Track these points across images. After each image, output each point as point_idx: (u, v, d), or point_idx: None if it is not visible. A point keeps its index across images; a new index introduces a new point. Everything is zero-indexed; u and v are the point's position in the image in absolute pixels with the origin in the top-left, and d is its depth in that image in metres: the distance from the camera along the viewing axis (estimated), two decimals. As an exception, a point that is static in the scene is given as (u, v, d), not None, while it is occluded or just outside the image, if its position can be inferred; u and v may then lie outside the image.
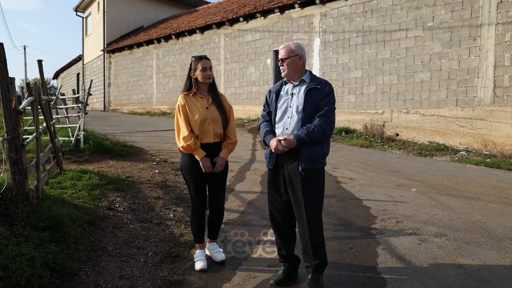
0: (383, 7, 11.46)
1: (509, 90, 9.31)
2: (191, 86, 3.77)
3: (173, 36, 18.86)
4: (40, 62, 6.73)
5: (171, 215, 5.19)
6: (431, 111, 10.59)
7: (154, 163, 8.05)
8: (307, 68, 3.50)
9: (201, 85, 3.76)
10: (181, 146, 3.63)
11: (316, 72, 12.86)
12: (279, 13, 14.23)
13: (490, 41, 9.60)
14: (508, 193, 6.19)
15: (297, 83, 3.38)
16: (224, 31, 16.49)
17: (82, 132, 8.64)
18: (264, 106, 3.61)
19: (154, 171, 7.31)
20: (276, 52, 14.59)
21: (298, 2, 13.29)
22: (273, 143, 3.28)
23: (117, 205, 5.40)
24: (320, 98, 3.26)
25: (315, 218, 3.29)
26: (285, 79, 3.48)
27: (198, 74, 3.70)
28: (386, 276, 3.48)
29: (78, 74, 30.58)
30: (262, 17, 14.87)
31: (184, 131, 3.62)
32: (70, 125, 9.49)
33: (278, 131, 3.38)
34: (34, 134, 5.15)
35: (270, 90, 3.58)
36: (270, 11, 14.48)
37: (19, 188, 4.16)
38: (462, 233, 4.47)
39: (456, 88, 10.14)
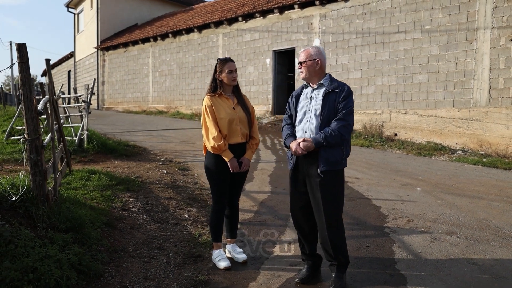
0: (382, 10, 11.63)
1: (504, 92, 9.54)
2: (216, 87, 3.85)
3: (170, 35, 18.85)
4: (48, 61, 6.74)
5: (186, 216, 5.27)
6: (428, 111, 10.79)
7: (160, 163, 8.12)
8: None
9: (226, 87, 3.85)
10: (211, 147, 3.69)
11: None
12: (278, 14, 14.33)
13: (485, 45, 9.82)
14: (508, 192, 6.39)
15: (316, 86, 3.49)
16: (223, 30, 16.55)
17: (86, 132, 8.67)
18: (286, 109, 3.74)
19: (161, 171, 7.38)
20: (275, 52, 14.73)
21: (298, 2, 13.41)
22: (292, 146, 3.42)
23: (131, 206, 5.47)
24: (338, 101, 3.36)
25: (334, 218, 3.40)
26: (305, 83, 3.60)
27: (224, 76, 3.79)
28: (405, 273, 3.61)
29: (69, 72, 30.40)
30: (261, 17, 14.96)
31: (213, 132, 3.67)
32: (72, 125, 9.50)
33: (298, 134, 3.50)
34: (50, 134, 5.19)
35: (292, 94, 3.71)
36: (270, 11, 14.57)
37: (39, 190, 4.18)
38: (471, 231, 4.63)
39: (453, 90, 10.35)
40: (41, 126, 4.34)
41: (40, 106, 4.46)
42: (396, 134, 11.39)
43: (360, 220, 5.04)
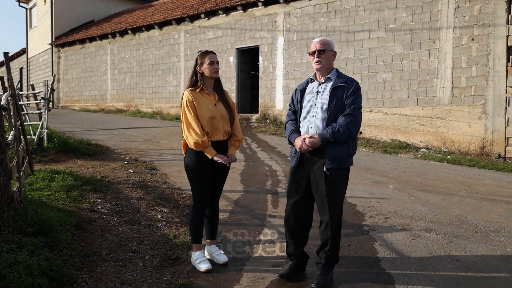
0: (347, 8, 11.73)
1: (466, 90, 9.82)
2: (196, 81, 3.68)
3: (129, 31, 18.30)
4: (6, 54, 6.32)
5: (159, 216, 5.06)
6: (393, 110, 10.98)
7: (125, 162, 7.81)
8: (270, 65, 3.51)
9: (207, 81, 3.69)
10: (194, 143, 3.50)
11: (280, 71, 12.97)
12: (242, 11, 14.18)
13: (448, 44, 10.08)
14: (477, 188, 6.54)
15: (323, 81, 3.36)
16: (184, 28, 16.21)
17: (46, 130, 8.24)
18: (289, 104, 3.60)
19: (128, 170, 7.10)
20: (239, 50, 14.55)
21: (262, 0, 13.30)
22: (297, 142, 3.27)
23: (100, 207, 5.20)
24: (346, 96, 3.24)
25: (337, 217, 3.33)
26: (311, 77, 3.47)
27: (205, 68, 3.63)
28: (391, 271, 3.57)
29: (21, 69, 29.04)
30: (224, 14, 14.76)
31: (196, 127, 3.51)
32: (30, 123, 9.01)
33: (302, 130, 3.37)
34: (12, 131, 4.85)
35: (296, 89, 3.56)
36: (233, 8, 14.39)
37: (4, 191, 3.91)
38: (448, 227, 4.68)
39: (417, 88, 10.57)
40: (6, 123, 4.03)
41: (3, 102, 4.17)
42: (361, 132, 11.51)
43: (338, 218, 4.98)
